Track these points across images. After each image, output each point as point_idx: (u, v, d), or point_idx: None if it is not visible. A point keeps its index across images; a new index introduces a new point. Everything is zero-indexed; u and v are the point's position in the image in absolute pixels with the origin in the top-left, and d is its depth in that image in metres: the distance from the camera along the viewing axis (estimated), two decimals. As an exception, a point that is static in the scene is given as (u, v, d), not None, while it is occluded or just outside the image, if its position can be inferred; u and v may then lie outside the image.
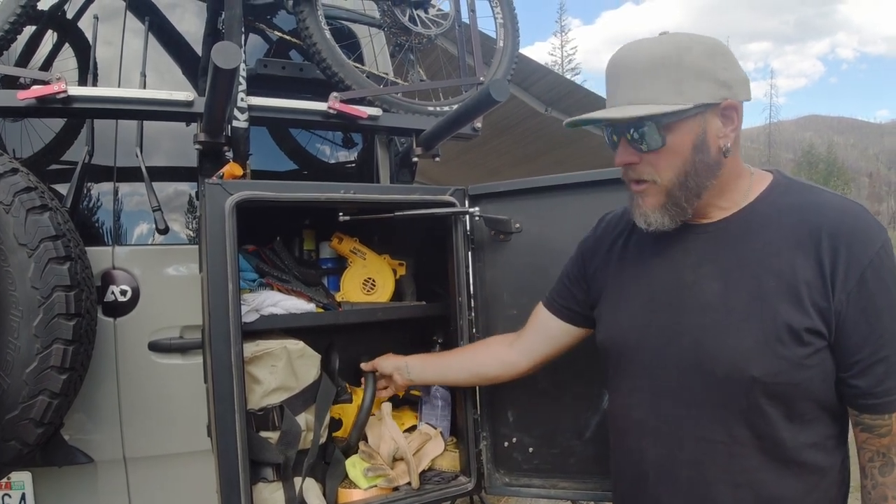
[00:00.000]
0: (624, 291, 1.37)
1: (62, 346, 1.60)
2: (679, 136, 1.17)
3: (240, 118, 1.94)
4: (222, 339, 1.49)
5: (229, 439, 1.48)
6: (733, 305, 1.17)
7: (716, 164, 1.19)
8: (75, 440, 1.98)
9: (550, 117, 6.59)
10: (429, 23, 2.39)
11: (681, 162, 1.18)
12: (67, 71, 2.18)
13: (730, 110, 1.17)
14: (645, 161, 1.21)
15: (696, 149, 1.17)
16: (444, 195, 1.81)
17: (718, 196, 1.23)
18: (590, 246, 1.51)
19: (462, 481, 1.84)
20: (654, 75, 1.15)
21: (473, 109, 1.90)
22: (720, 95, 1.15)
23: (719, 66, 1.15)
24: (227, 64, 1.40)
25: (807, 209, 1.17)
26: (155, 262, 2.15)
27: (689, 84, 1.14)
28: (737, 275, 1.19)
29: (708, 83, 1.14)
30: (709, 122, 1.17)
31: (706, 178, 1.19)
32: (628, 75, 1.18)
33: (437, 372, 1.78)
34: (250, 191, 1.55)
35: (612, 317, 1.39)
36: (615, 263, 1.41)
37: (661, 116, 1.15)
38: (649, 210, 1.24)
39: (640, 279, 1.34)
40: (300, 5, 2.16)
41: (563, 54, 56.93)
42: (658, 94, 1.15)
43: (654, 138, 1.17)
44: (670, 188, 1.20)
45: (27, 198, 1.61)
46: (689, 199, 1.21)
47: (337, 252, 2.03)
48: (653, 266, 1.32)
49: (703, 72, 1.14)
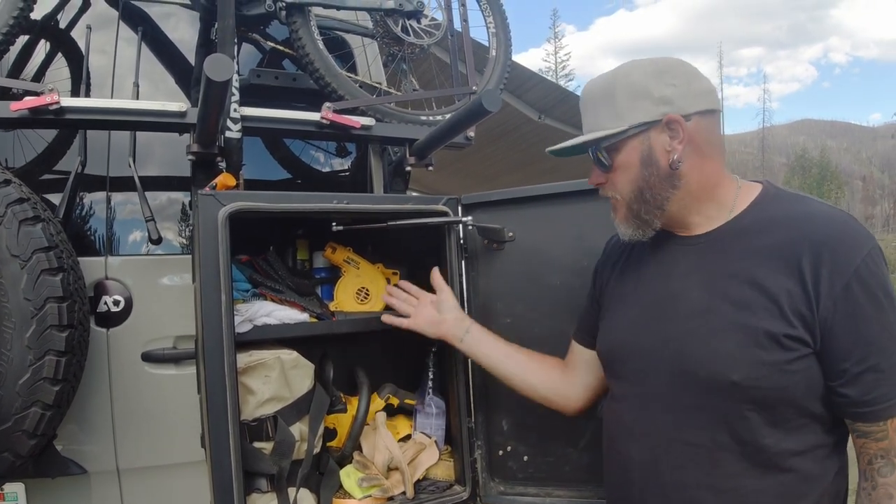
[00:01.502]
0: (621, 302, 1.43)
1: (55, 358, 1.60)
2: (625, 155, 1.27)
3: (233, 129, 1.95)
4: (215, 350, 1.48)
5: (223, 450, 1.47)
6: (716, 312, 1.21)
7: (669, 176, 1.25)
8: (68, 451, 1.97)
9: (544, 125, 6.62)
10: (421, 33, 2.40)
11: (633, 178, 1.28)
12: (60, 81, 2.19)
13: (674, 124, 1.22)
14: (609, 180, 1.33)
15: (644, 164, 1.26)
16: (438, 204, 1.81)
17: (698, 206, 1.29)
18: (598, 268, 1.57)
19: (457, 490, 1.84)
20: (597, 104, 1.29)
21: (466, 119, 1.91)
22: (660, 112, 1.22)
23: (662, 83, 1.22)
24: (219, 76, 1.41)
25: (792, 219, 1.20)
26: (148, 272, 2.14)
27: (625, 106, 1.24)
28: (720, 284, 1.22)
29: (644, 102, 1.23)
30: (653, 139, 1.24)
31: (663, 190, 1.26)
32: (584, 107, 1.33)
33: (491, 354, 1.69)
34: (243, 201, 1.55)
35: (609, 325, 1.45)
36: (616, 277, 1.47)
37: (602, 139, 1.27)
38: (619, 222, 1.35)
39: (635, 290, 1.39)
40: (293, 16, 2.16)
41: (556, 60, 57.08)
42: (601, 121, 1.27)
43: (604, 160, 1.30)
44: (629, 202, 1.30)
45: (20, 209, 1.61)
46: (649, 210, 1.28)
47: (330, 262, 2.03)
48: (646, 277, 1.38)
49: (639, 92, 1.23)
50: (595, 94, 1.30)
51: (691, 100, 1.23)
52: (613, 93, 1.25)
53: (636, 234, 1.33)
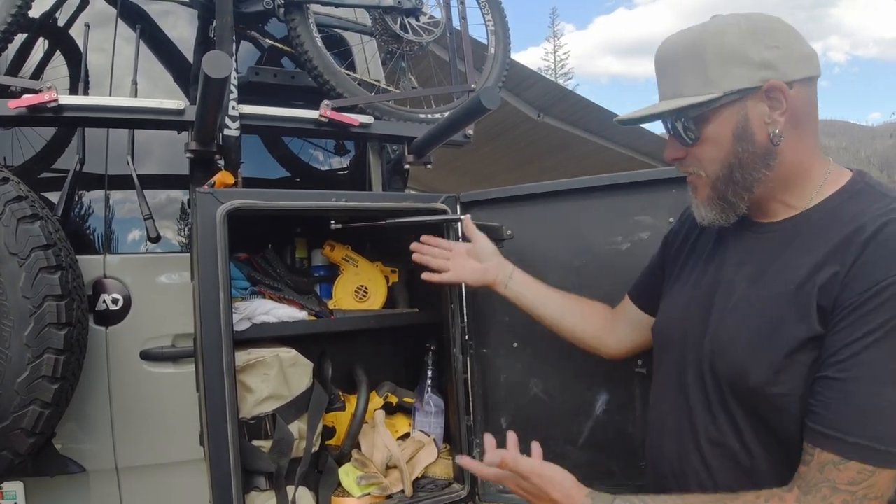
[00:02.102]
0: (680, 283, 1.34)
1: (53, 356, 1.60)
2: (716, 127, 1.12)
3: (231, 126, 1.95)
4: (214, 348, 1.48)
5: (222, 448, 1.47)
6: (750, 310, 1.11)
7: (766, 153, 1.11)
8: (67, 450, 1.96)
9: (543, 123, 6.62)
10: (420, 30, 2.40)
11: (723, 153, 1.13)
12: (59, 79, 2.19)
13: (775, 92, 1.08)
14: (690, 154, 1.18)
15: (738, 138, 1.11)
16: (436, 202, 1.81)
17: (782, 190, 1.15)
18: (671, 235, 1.46)
19: (456, 489, 1.84)
20: (681, 67, 1.13)
21: (464, 117, 1.91)
22: (760, 77, 1.07)
23: (762, 45, 1.07)
24: (217, 73, 1.41)
25: (858, 219, 1.04)
26: (146, 270, 2.14)
27: (718, 71, 1.08)
28: (767, 280, 1.11)
29: (741, 67, 1.08)
30: (751, 109, 1.09)
31: (755, 170, 1.12)
32: (663, 70, 1.17)
33: (537, 297, 1.64)
34: (241, 199, 1.55)
35: (664, 306, 1.37)
36: (684, 255, 1.37)
37: (689, 109, 1.11)
38: (700, 204, 1.20)
39: (693, 274, 1.30)
40: (291, 13, 2.16)
41: (555, 59, 57.05)
42: (686, 86, 1.12)
43: (690, 132, 1.15)
44: (715, 182, 1.15)
45: (18, 207, 1.61)
46: (737, 192, 1.14)
47: (329, 260, 2.03)
48: (708, 262, 1.27)
49: (735, 55, 1.08)
50: (678, 56, 1.14)
51: (794, 65, 1.08)
52: (703, 55, 1.09)
53: (718, 218, 1.18)
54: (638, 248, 1.72)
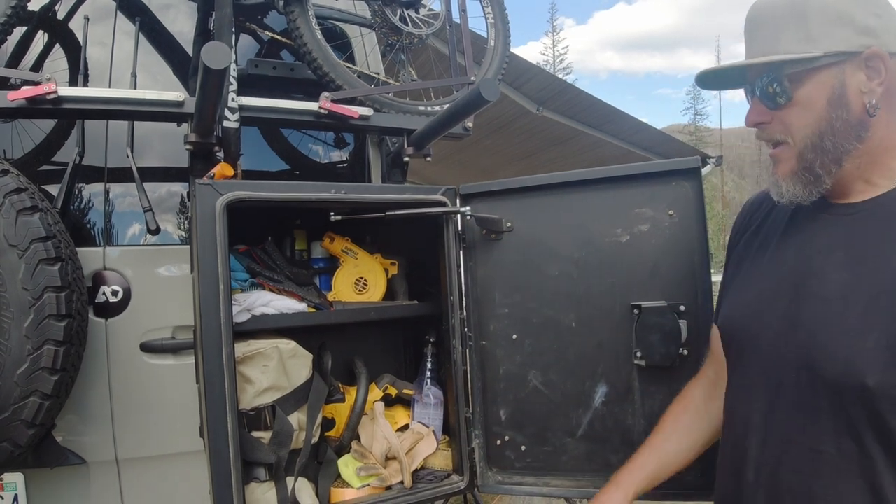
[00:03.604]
0: (752, 272, 1.25)
1: (53, 348, 1.60)
2: (810, 89, 1.05)
3: (230, 118, 1.94)
4: (214, 340, 1.49)
5: (221, 440, 1.48)
6: (854, 301, 1.01)
7: (859, 123, 1.04)
8: (67, 441, 1.97)
9: (542, 116, 6.60)
10: (420, 23, 2.39)
11: (814, 119, 1.06)
12: (58, 72, 2.18)
13: (875, 60, 1.02)
14: (776, 119, 1.10)
15: (833, 104, 1.04)
16: (436, 195, 1.81)
17: (868, 168, 1.07)
18: (733, 237, 1.37)
19: (454, 480, 1.84)
20: (778, 23, 1.06)
21: (464, 109, 1.91)
22: (861, 43, 1.02)
23: (866, 9, 1.02)
24: (216, 64, 1.40)
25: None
26: (146, 262, 2.14)
27: (820, 30, 1.02)
28: (868, 267, 1.02)
29: (845, 29, 1.02)
30: (848, 75, 1.03)
31: (846, 141, 1.05)
32: (757, 24, 1.10)
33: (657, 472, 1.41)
34: (241, 191, 1.55)
35: (734, 298, 1.28)
36: (752, 241, 1.29)
37: (784, 65, 1.05)
38: (781, 177, 1.12)
39: (770, 261, 1.20)
40: (291, 5, 2.16)
41: (554, 54, 56.88)
42: (784, 43, 1.05)
43: (781, 93, 1.07)
44: (803, 150, 1.08)
45: (17, 199, 1.61)
46: (825, 164, 1.06)
47: (328, 252, 2.04)
48: (784, 248, 1.18)
49: (840, 16, 1.02)
50: (776, 11, 1.06)
51: (894, 36, 1.03)
52: (805, 10, 1.03)
53: (801, 193, 1.10)
54: (637, 241, 1.72)
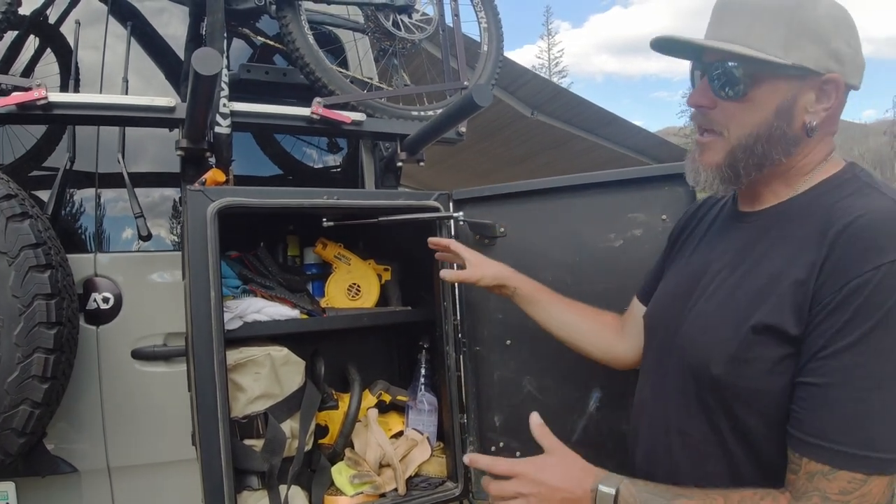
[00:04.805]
0: (670, 271, 1.35)
1: (43, 356, 1.58)
2: (765, 92, 1.06)
3: (222, 124, 1.93)
4: (205, 347, 1.48)
5: (213, 448, 1.46)
6: (721, 298, 1.10)
7: (794, 139, 1.07)
8: (58, 450, 1.95)
9: (536, 120, 6.62)
10: (413, 27, 2.39)
11: (757, 121, 1.07)
12: (49, 77, 2.17)
13: (830, 85, 1.04)
14: (720, 108, 1.10)
15: (779, 114, 1.06)
16: (429, 200, 1.80)
17: (777, 180, 1.12)
18: (675, 231, 1.43)
19: (449, 487, 1.83)
20: (760, 17, 1.06)
21: (457, 114, 1.90)
22: (826, 66, 1.03)
23: (842, 37, 1.04)
24: (207, 70, 1.40)
25: (835, 210, 1.01)
26: (137, 269, 2.13)
27: (796, 41, 1.03)
28: (744, 269, 1.09)
29: (818, 48, 1.03)
30: (801, 90, 1.05)
31: (776, 151, 1.07)
32: (736, 12, 1.09)
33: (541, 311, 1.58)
34: (233, 197, 1.55)
35: (655, 294, 1.37)
36: (682, 242, 1.36)
37: (754, 62, 1.04)
38: (704, 166, 1.14)
39: (687, 262, 1.28)
40: (283, 10, 2.15)
41: (549, 57, 57.02)
42: (756, 39, 1.04)
43: (737, 86, 1.07)
44: (735, 147, 1.09)
45: (7, 205, 1.59)
46: (748, 167, 1.09)
47: (321, 258, 2.03)
48: (698, 250, 1.27)
49: (819, 34, 1.03)
50: (762, 4, 1.06)
51: (855, 69, 1.06)
52: (791, 17, 1.03)
53: (718, 187, 1.13)
54: (631, 246, 1.72)
